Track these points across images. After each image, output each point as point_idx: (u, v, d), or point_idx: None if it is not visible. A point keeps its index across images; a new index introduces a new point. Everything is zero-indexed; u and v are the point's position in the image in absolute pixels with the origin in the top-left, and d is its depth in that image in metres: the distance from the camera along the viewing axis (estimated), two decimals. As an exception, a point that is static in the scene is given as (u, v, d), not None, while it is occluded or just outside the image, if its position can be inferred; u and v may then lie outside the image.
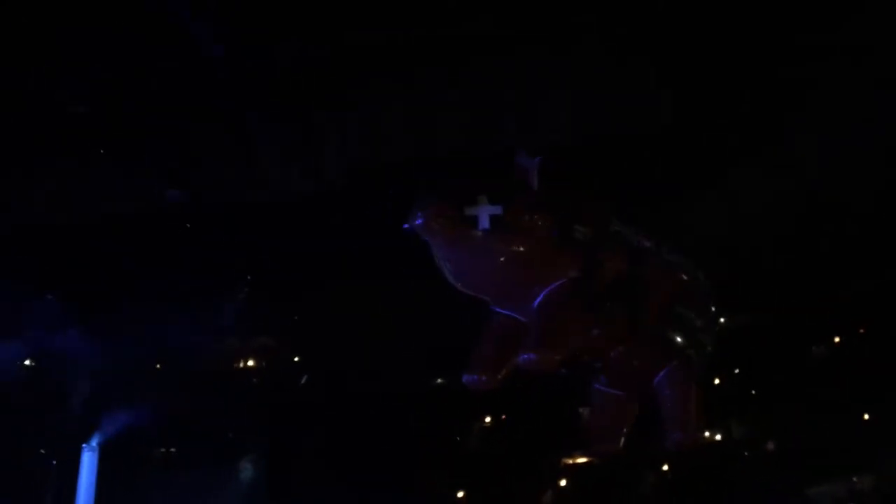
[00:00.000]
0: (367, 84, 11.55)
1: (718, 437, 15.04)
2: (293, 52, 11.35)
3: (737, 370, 14.46)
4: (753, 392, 14.98)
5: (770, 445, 15.19)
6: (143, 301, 14.27)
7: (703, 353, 8.16)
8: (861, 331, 14.76)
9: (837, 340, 15.02)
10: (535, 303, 7.21)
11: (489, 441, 16.43)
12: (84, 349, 15.24)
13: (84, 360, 15.50)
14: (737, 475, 15.00)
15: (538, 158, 7.08)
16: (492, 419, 16.50)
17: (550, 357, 7.13)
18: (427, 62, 11.33)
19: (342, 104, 11.78)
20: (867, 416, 14.66)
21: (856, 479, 14.62)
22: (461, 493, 16.01)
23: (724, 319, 8.69)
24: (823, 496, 14.64)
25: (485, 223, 6.85)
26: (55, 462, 16.12)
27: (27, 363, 16.10)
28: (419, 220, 6.90)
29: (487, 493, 15.93)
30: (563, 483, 15.73)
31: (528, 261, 7.07)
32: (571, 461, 15.58)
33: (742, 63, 11.08)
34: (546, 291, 7.17)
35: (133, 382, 15.86)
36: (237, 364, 16.91)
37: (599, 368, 8.04)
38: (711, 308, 8.32)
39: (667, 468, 15.15)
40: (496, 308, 7.47)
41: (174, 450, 16.64)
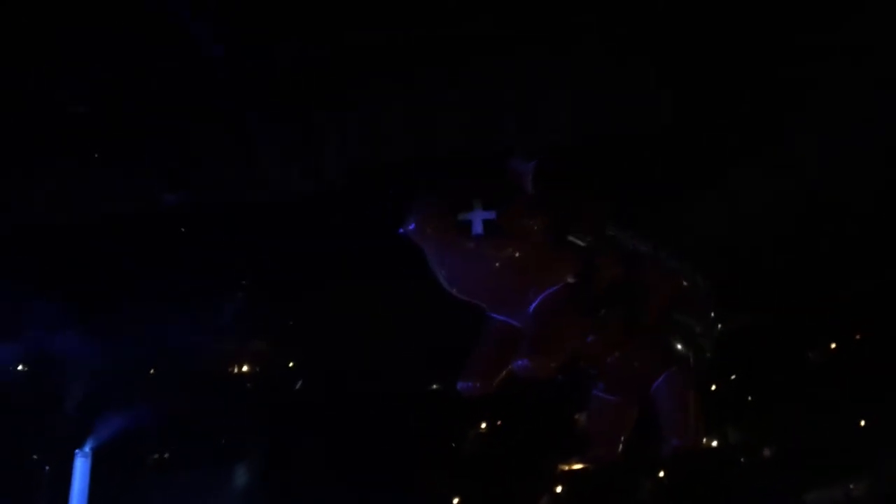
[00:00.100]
0: (367, 84, 11.54)
1: (715, 443, 15.01)
2: (293, 52, 11.36)
3: (733, 375, 14.44)
4: (750, 397, 14.96)
5: (767, 451, 15.16)
6: (143, 301, 14.25)
7: (703, 359, 8.14)
8: (860, 332, 14.74)
9: (836, 343, 14.99)
10: (531, 308, 7.21)
11: (486, 445, 16.42)
12: (81, 350, 15.19)
13: (81, 362, 15.44)
14: (734, 480, 14.98)
15: (532, 163, 7.05)
16: (489, 424, 16.47)
17: (545, 363, 7.11)
18: (427, 62, 11.32)
19: (342, 104, 11.78)
20: (865, 420, 14.62)
21: (853, 486, 14.60)
22: (457, 500, 16.01)
23: (724, 322, 8.67)
24: (820, 501, 14.62)
25: (478, 228, 6.84)
26: (48, 467, 16.09)
27: (22, 367, 16.08)
28: (412, 226, 6.89)
29: (484, 498, 15.91)
30: (560, 489, 15.72)
31: (523, 266, 7.04)
32: (568, 467, 15.57)
33: (742, 63, 11.07)
34: (541, 297, 7.16)
35: (130, 384, 15.81)
36: (236, 365, 16.90)
37: (597, 374, 8.04)
38: (711, 313, 8.30)
39: (664, 474, 15.12)
40: (492, 314, 7.46)
41: (170, 452, 16.58)
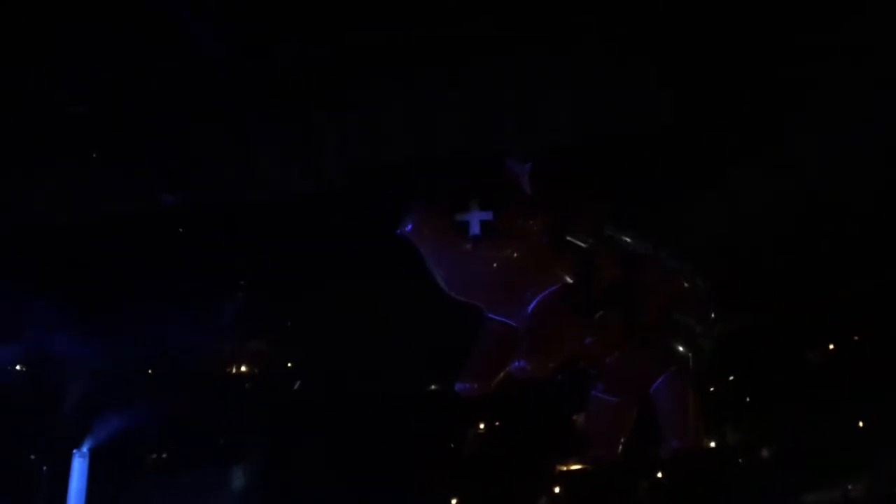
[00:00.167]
0: (367, 84, 11.53)
1: (714, 444, 15.00)
2: (293, 52, 11.34)
3: (733, 375, 14.43)
4: (749, 397, 14.95)
5: (766, 452, 15.15)
6: (143, 301, 14.27)
7: (702, 359, 8.13)
8: (860, 332, 14.72)
9: (836, 343, 14.99)
10: (529, 309, 7.20)
11: (485, 445, 16.42)
12: (80, 350, 15.20)
13: (80, 362, 15.46)
14: (733, 481, 14.98)
15: (529, 163, 7.04)
16: (488, 424, 16.46)
17: (543, 364, 7.10)
18: (427, 62, 11.30)
19: (342, 104, 11.76)
20: (864, 421, 14.62)
21: (851, 487, 14.59)
22: (455, 501, 16.01)
23: (724, 322, 8.65)
24: (819, 502, 14.60)
25: (475, 229, 6.84)
26: (46, 467, 16.08)
27: (22, 367, 16.07)
28: (409, 227, 6.88)
29: (483, 498, 15.91)
30: (559, 489, 15.72)
31: (521, 267, 7.04)
32: (566, 468, 15.56)
33: (742, 63, 11.06)
34: (539, 298, 7.14)
35: (129, 384, 15.84)
36: (235, 365, 16.90)
37: (597, 374, 8.02)
38: (711, 313, 8.28)
39: (662, 474, 15.11)
40: (490, 315, 7.45)
41: (170, 452, 16.60)
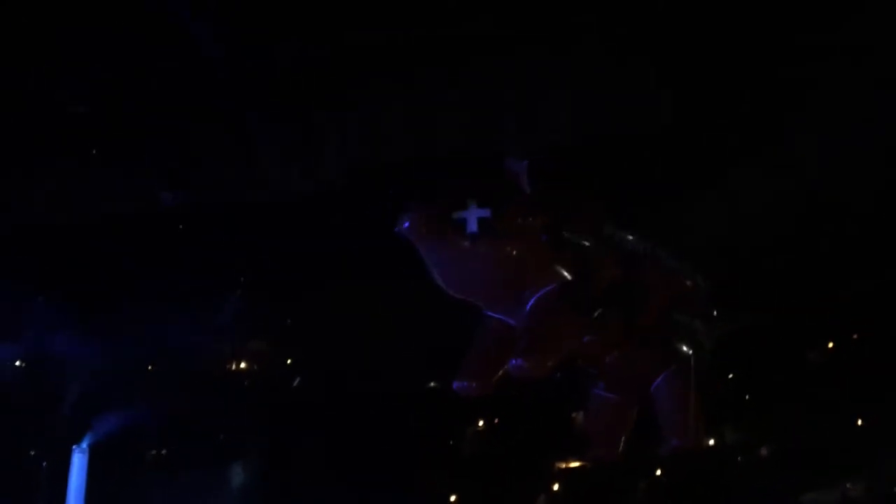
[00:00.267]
0: (367, 84, 11.53)
1: (714, 443, 14.97)
2: (293, 52, 11.35)
3: (733, 375, 14.41)
4: (749, 397, 14.94)
5: (765, 451, 15.15)
6: (142, 301, 14.26)
7: (702, 359, 8.13)
8: (860, 332, 14.72)
9: (836, 343, 14.98)
10: (527, 307, 7.18)
11: (485, 444, 16.40)
12: (80, 350, 15.20)
13: (80, 361, 15.45)
14: (733, 480, 14.97)
15: (527, 161, 7.03)
16: (488, 423, 16.44)
17: (540, 363, 7.09)
18: (427, 62, 11.31)
19: (342, 104, 11.77)
20: (864, 421, 14.61)
21: (849, 486, 14.58)
22: (454, 497, 15.99)
23: (724, 322, 8.65)
24: (818, 501, 14.59)
25: (473, 227, 6.83)
26: (45, 464, 16.07)
27: (21, 364, 16.06)
28: (406, 224, 6.88)
29: (482, 497, 15.90)
30: (558, 488, 15.71)
31: (519, 265, 7.04)
32: (566, 465, 15.56)
33: (742, 63, 11.06)
34: (537, 296, 7.14)
35: (129, 383, 15.82)
36: (235, 365, 16.90)
37: (597, 373, 8.02)
38: (711, 313, 8.28)
39: (661, 473, 15.10)
40: (489, 313, 7.44)
41: (169, 451, 16.57)
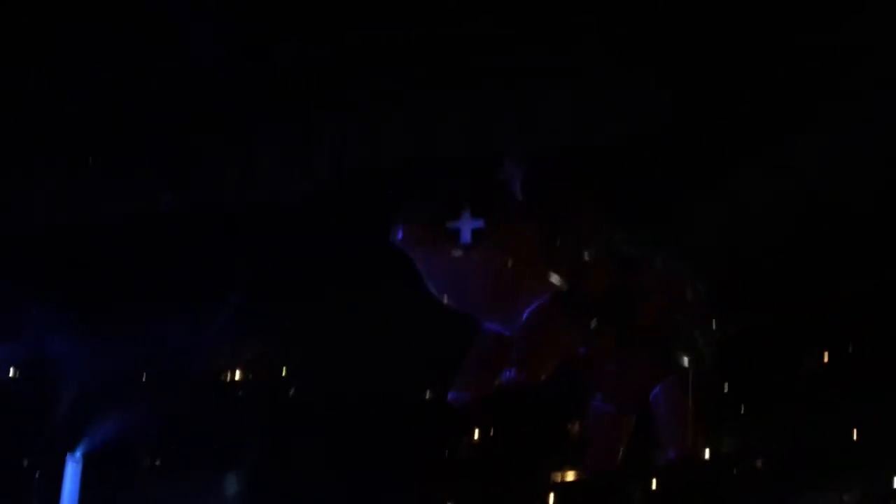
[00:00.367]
0: (367, 84, 11.54)
1: (711, 449, 14.90)
2: (293, 52, 11.36)
3: (732, 377, 14.36)
4: (745, 401, 14.88)
5: (762, 455, 15.10)
6: (142, 302, 14.23)
7: (701, 367, 8.05)
8: (860, 333, 14.69)
9: (835, 344, 14.95)
10: (522, 318, 7.16)
11: (483, 451, 16.35)
12: (79, 351, 15.14)
13: (78, 364, 15.39)
14: (729, 489, 14.91)
15: (522, 168, 7.00)
16: (486, 431, 16.38)
17: (535, 373, 7.09)
18: (427, 62, 11.31)
19: (342, 104, 11.78)
20: (862, 424, 14.56)
21: (848, 491, 14.53)
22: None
23: (724, 329, 8.57)
24: (815, 505, 14.56)
25: (467, 237, 6.82)
26: (39, 472, 15.99)
27: (19, 369, 16.02)
28: (399, 235, 6.86)
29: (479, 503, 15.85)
30: (555, 497, 15.65)
31: (513, 275, 7.02)
32: (563, 475, 15.51)
33: (742, 63, 11.07)
34: (532, 306, 7.10)
35: (128, 385, 15.77)
36: (234, 367, 16.86)
37: (594, 383, 7.94)
38: (710, 319, 8.19)
39: (658, 482, 15.04)
40: (484, 324, 7.41)
41: (167, 454, 16.50)
